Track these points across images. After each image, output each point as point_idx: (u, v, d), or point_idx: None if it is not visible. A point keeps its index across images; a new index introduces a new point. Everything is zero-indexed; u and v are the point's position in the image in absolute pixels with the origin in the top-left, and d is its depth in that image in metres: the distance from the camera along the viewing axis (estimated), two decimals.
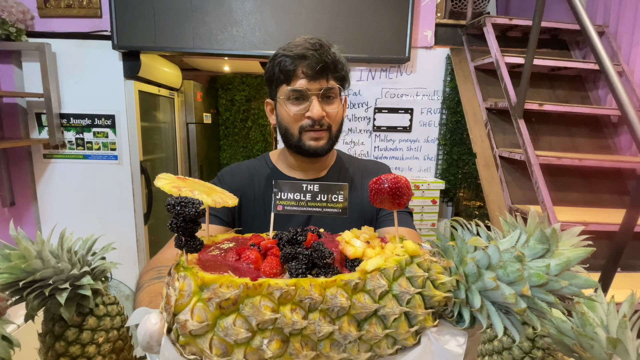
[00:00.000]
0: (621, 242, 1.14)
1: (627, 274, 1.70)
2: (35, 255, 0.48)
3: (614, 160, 1.68)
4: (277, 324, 0.27)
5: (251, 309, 0.27)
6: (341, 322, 0.28)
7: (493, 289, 0.33)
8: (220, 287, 0.27)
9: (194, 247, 0.31)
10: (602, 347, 0.37)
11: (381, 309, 0.30)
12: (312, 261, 0.32)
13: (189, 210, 0.29)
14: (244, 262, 0.31)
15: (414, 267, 0.32)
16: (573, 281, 0.32)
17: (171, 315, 0.27)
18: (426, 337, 0.32)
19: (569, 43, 2.30)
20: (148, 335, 0.27)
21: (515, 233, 0.36)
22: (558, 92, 2.13)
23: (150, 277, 0.58)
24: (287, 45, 0.78)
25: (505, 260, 0.33)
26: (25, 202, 2.21)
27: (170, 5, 1.93)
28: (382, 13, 2.01)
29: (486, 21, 1.98)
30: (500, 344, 0.54)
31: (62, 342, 0.52)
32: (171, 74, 2.60)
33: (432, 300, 0.32)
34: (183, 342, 0.27)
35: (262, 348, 0.27)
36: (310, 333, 0.28)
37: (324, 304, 0.28)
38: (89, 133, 2.13)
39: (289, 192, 0.40)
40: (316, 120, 0.76)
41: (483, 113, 2.02)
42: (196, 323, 0.26)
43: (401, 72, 2.18)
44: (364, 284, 0.30)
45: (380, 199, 0.36)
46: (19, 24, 1.96)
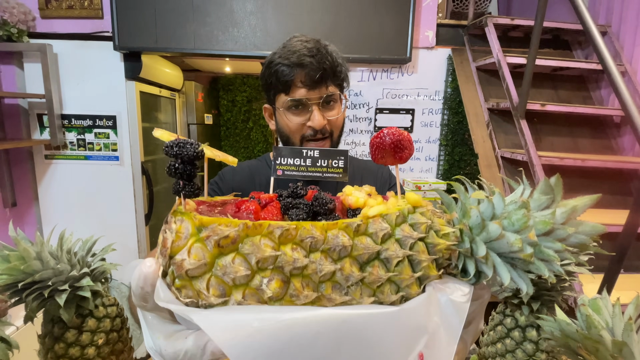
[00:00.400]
0: (625, 243, 1.13)
1: (631, 275, 1.69)
2: (35, 257, 0.48)
3: (616, 161, 1.67)
4: (277, 262, 0.26)
5: (251, 247, 0.26)
6: (343, 263, 0.27)
7: (498, 237, 0.31)
8: (219, 225, 0.25)
9: (192, 191, 0.29)
10: (608, 350, 0.37)
11: (384, 252, 0.28)
12: (312, 210, 0.31)
13: (187, 150, 0.28)
14: (244, 213, 0.29)
15: (416, 215, 0.31)
16: (580, 228, 0.31)
17: (167, 257, 0.26)
18: (431, 287, 0.31)
19: (571, 43, 2.29)
20: (142, 280, 0.26)
21: (519, 188, 0.35)
22: (560, 92, 2.12)
23: None
24: (284, 51, 0.75)
25: (510, 210, 0.32)
26: (26, 203, 2.21)
27: (171, 6, 1.93)
28: (383, 13, 2.01)
29: (488, 21, 1.97)
30: (504, 347, 0.54)
31: (61, 344, 0.52)
32: (172, 75, 2.60)
33: (436, 248, 0.31)
34: (179, 284, 0.26)
35: (261, 288, 0.26)
36: (311, 273, 0.26)
37: (325, 244, 0.27)
38: (90, 134, 2.14)
39: (288, 157, 0.39)
40: (318, 130, 0.75)
41: (485, 113, 2.01)
42: (194, 261, 0.25)
43: (402, 73, 2.17)
44: (366, 227, 0.29)
45: (382, 154, 0.34)
46: (20, 25, 1.97)
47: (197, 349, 0.25)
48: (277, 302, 0.26)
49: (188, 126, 2.93)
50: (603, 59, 1.20)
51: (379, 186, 0.91)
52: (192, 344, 0.25)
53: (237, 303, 0.25)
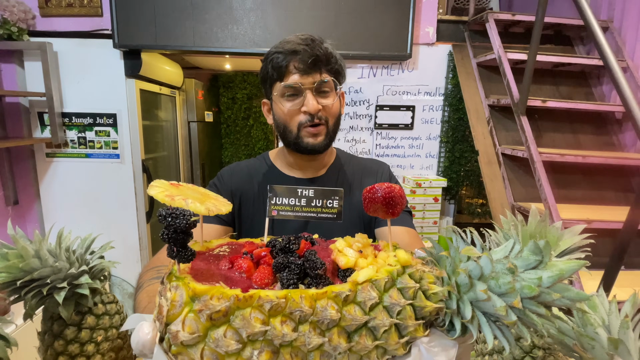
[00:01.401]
0: (625, 239, 1.13)
1: (632, 272, 1.69)
2: (33, 255, 0.48)
3: (618, 157, 1.66)
4: (267, 335, 0.27)
5: (241, 321, 0.27)
6: (331, 334, 0.29)
7: (484, 300, 0.33)
8: (211, 298, 0.27)
9: (185, 257, 0.31)
10: (604, 348, 0.37)
11: (371, 321, 0.30)
12: (304, 271, 0.32)
13: (179, 222, 0.30)
14: (237, 271, 0.31)
15: (405, 277, 0.32)
16: (565, 294, 0.32)
17: (163, 325, 0.28)
18: (416, 348, 0.32)
19: (572, 39, 2.27)
20: (141, 344, 0.28)
21: (509, 243, 0.35)
22: (561, 88, 2.11)
23: (150, 277, 0.58)
24: (279, 44, 0.78)
25: (498, 272, 0.33)
26: (28, 201, 2.22)
27: (171, 3, 1.93)
28: (383, 9, 1.99)
29: (489, 17, 1.96)
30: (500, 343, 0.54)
31: (61, 341, 0.52)
32: (172, 73, 2.60)
33: (423, 310, 0.32)
34: (175, 351, 0.28)
35: (252, 359, 0.27)
36: (300, 345, 0.28)
37: (314, 316, 0.28)
38: (90, 132, 2.14)
39: (283, 197, 0.40)
40: (313, 114, 0.75)
41: (485, 110, 2.00)
42: (187, 334, 0.27)
43: (403, 69, 2.16)
44: (355, 295, 0.30)
45: (374, 208, 0.36)
46: (20, 24, 1.97)
47: None
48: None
49: (188, 124, 2.93)
50: (604, 55, 1.19)
51: None
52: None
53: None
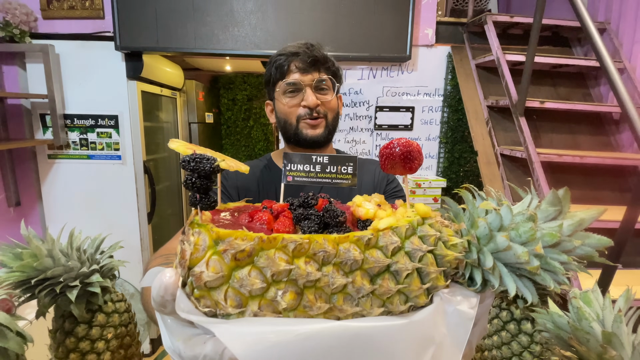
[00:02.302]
0: (622, 239, 1.14)
1: (630, 271, 1.71)
2: (46, 254, 0.49)
3: (615, 158, 1.68)
4: (291, 275, 0.27)
5: (266, 260, 0.27)
6: (354, 276, 0.28)
7: (505, 249, 0.32)
8: (236, 239, 0.27)
9: (208, 204, 0.31)
10: (598, 341, 0.38)
11: (394, 265, 0.29)
12: (324, 221, 0.32)
13: (203, 165, 0.30)
14: (257, 223, 0.31)
15: (425, 227, 0.32)
16: (586, 241, 0.32)
17: (186, 269, 0.27)
18: (438, 297, 0.32)
19: (570, 40, 2.30)
20: (163, 289, 0.27)
21: (527, 198, 0.36)
22: (559, 89, 2.13)
23: (158, 263, 0.60)
24: (281, 49, 0.85)
25: (518, 222, 0.33)
26: (30, 202, 2.23)
27: (172, 6, 1.94)
28: (383, 12, 2.01)
29: (487, 19, 1.98)
30: (500, 339, 0.55)
31: (72, 338, 0.54)
32: (173, 74, 2.61)
33: (444, 260, 0.32)
34: (198, 295, 0.27)
35: (276, 299, 0.27)
36: (323, 285, 0.28)
37: (337, 258, 0.28)
38: (92, 133, 2.15)
39: (298, 163, 0.40)
40: (312, 108, 0.81)
41: (484, 111, 2.02)
42: (211, 274, 0.26)
43: (402, 71, 2.18)
44: (377, 240, 0.30)
45: (392, 164, 0.35)
46: (22, 26, 1.98)
47: (215, 354, 0.26)
48: (291, 312, 0.27)
49: (189, 125, 2.94)
50: (601, 57, 1.21)
51: (376, 184, 0.94)
52: (211, 349, 0.26)
53: (253, 313, 0.27)
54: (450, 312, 0.32)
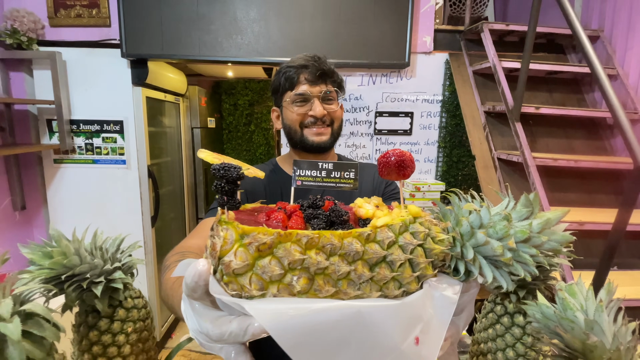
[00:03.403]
0: (614, 240, 1.19)
1: (625, 272, 1.74)
2: (74, 252, 0.53)
3: (608, 162, 1.73)
4: (304, 264, 0.32)
5: (284, 251, 0.32)
6: (356, 265, 0.34)
7: (484, 244, 0.38)
8: (258, 234, 0.32)
9: (233, 205, 0.36)
10: (581, 328, 0.42)
11: (389, 256, 0.35)
12: (330, 220, 0.37)
13: (231, 172, 0.35)
14: (273, 221, 0.36)
15: (416, 225, 0.37)
16: (552, 237, 0.38)
17: (216, 259, 0.32)
18: (427, 284, 0.38)
19: (565, 47, 2.35)
20: (197, 276, 0.31)
21: (505, 200, 0.42)
22: (555, 95, 2.19)
23: (175, 260, 0.64)
24: (290, 61, 0.90)
25: (495, 221, 0.39)
26: (35, 206, 2.27)
27: (177, 14, 2.00)
28: (382, 20, 2.07)
29: (483, 27, 2.04)
30: (494, 332, 0.59)
31: (95, 332, 0.57)
32: (177, 80, 2.66)
33: (432, 252, 0.37)
34: (226, 280, 0.32)
35: (292, 284, 0.32)
36: (331, 272, 0.33)
37: (342, 250, 0.33)
38: (98, 138, 2.19)
39: (306, 169, 0.46)
40: (319, 117, 0.87)
41: (481, 116, 2.07)
42: (239, 262, 0.31)
43: (401, 77, 2.23)
44: (375, 235, 0.35)
45: (388, 171, 0.41)
46: (30, 34, 2.03)
47: (240, 330, 0.31)
48: (304, 295, 0.33)
49: (192, 130, 2.98)
50: (592, 65, 1.26)
51: (375, 186, 0.98)
52: (236, 326, 0.31)
53: (273, 295, 0.32)
54: (437, 296, 0.37)
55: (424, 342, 0.35)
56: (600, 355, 0.41)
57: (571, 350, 0.43)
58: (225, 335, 0.31)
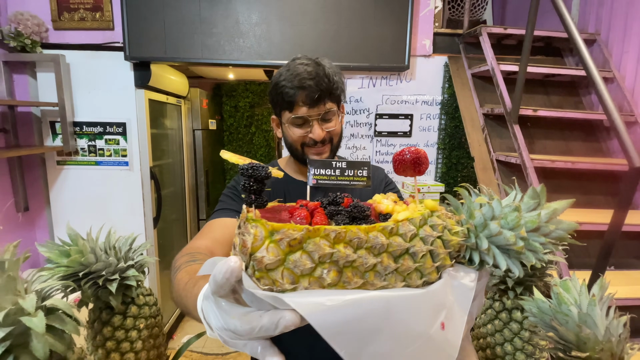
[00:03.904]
0: (610, 240, 1.21)
1: (622, 272, 1.77)
2: (90, 251, 0.55)
3: (604, 163, 1.76)
4: (333, 257, 0.34)
5: (314, 246, 0.33)
6: (382, 257, 0.36)
7: (497, 234, 0.40)
8: (288, 230, 0.33)
9: (261, 203, 0.37)
10: (575, 321, 0.45)
11: (412, 248, 0.37)
12: (352, 216, 0.39)
13: (259, 172, 0.36)
14: (297, 218, 0.37)
15: (434, 218, 0.40)
16: (559, 225, 0.41)
17: (248, 255, 0.33)
18: (446, 274, 0.40)
19: (562, 50, 2.39)
20: (229, 272, 0.32)
21: (512, 194, 0.44)
22: (552, 97, 2.22)
23: (186, 260, 0.63)
24: (287, 74, 0.85)
25: (506, 212, 0.42)
26: (38, 207, 2.28)
27: (180, 17, 2.02)
28: (382, 23, 2.10)
29: (482, 31, 2.07)
30: (493, 327, 0.62)
31: (109, 327, 0.59)
32: (178, 83, 2.69)
33: (450, 244, 0.40)
34: (258, 275, 0.33)
35: (322, 277, 0.34)
36: (358, 265, 0.35)
37: (368, 243, 0.35)
38: (100, 140, 2.21)
39: (321, 168, 0.48)
40: (318, 141, 0.87)
41: (480, 118, 2.10)
42: (271, 257, 0.32)
43: (401, 80, 2.26)
44: (397, 229, 0.37)
45: (403, 168, 0.43)
46: (34, 36, 2.05)
47: (271, 324, 0.32)
48: (333, 287, 0.34)
49: (193, 132, 3.01)
50: (588, 69, 1.29)
51: (376, 185, 1.02)
52: (267, 320, 0.32)
53: (304, 288, 0.33)
54: (456, 285, 0.40)
55: (448, 327, 0.37)
56: (593, 347, 0.43)
57: (565, 342, 0.45)
58: (256, 330, 0.32)
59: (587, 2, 2.34)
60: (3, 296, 0.42)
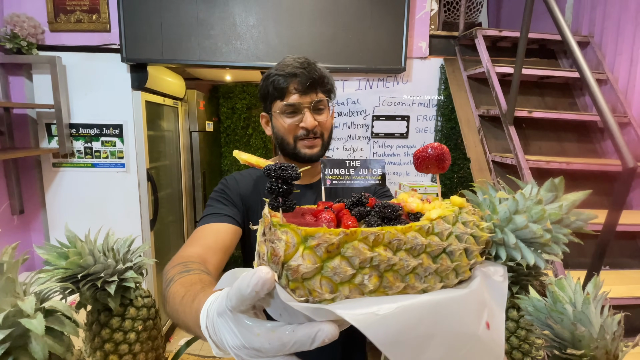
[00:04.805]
0: (604, 240, 1.23)
1: (617, 272, 1.79)
2: (88, 253, 0.55)
3: (599, 164, 1.78)
4: (373, 261, 0.31)
5: (353, 250, 0.31)
6: (421, 258, 0.34)
7: (523, 227, 0.40)
8: (324, 235, 0.30)
9: (289, 206, 0.34)
10: (570, 319, 0.45)
11: (449, 247, 0.36)
12: (383, 217, 0.36)
13: (289, 172, 0.33)
14: (324, 222, 0.35)
15: (464, 214, 0.39)
16: (580, 217, 0.41)
17: (280, 264, 0.30)
18: (478, 271, 0.39)
19: (556, 52, 2.41)
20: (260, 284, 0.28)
21: (528, 187, 0.44)
22: (547, 99, 2.24)
23: (179, 271, 0.59)
24: (278, 66, 0.86)
25: (529, 205, 0.41)
26: (34, 210, 2.27)
27: (177, 19, 2.02)
28: (379, 26, 2.11)
29: (477, 33, 2.09)
30: None
31: (107, 330, 0.59)
32: (175, 84, 2.68)
33: (480, 240, 0.39)
34: (293, 286, 0.30)
35: (363, 283, 0.31)
36: (399, 268, 0.33)
37: (407, 244, 0.33)
38: (97, 142, 2.21)
39: (335, 167, 0.46)
40: (310, 129, 0.85)
41: (476, 120, 2.11)
42: (308, 265, 0.29)
43: (397, 82, 2.27)
44: (433, 228, 0.36)
45: (427, 165, 0.41)
46: (30, 38, 2.04)
47: (307, 338, 0.28)
48: (374, 293, 0.32)
49: (190, 133, 3.00)
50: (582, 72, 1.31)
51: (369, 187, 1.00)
52: (303, 334, 0.28)
53: (345, 297, 0.31)
54: (490, 282, 0.39)
55: (492, 326, 0.36)
56: (588, 345, 0.44)
57: (561, 340, 0.46)
58: (288, 345, 0.28)
59: (580, 5, 2.37)
60: (2, 298, 0.42)
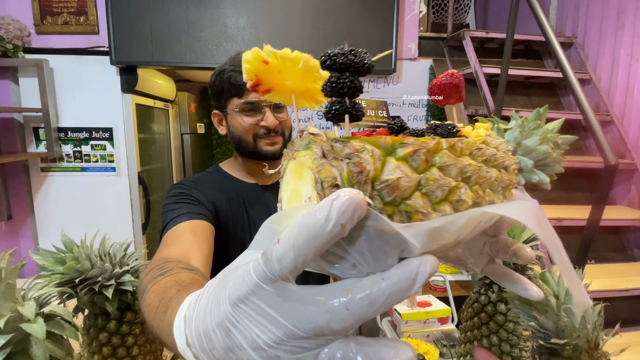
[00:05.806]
0: (588, 235, 1.27)
1: (602, 265, 1.84)
2: (85, 257, 0.56)
3: (583, 161, 1.83)
4: (466, 172, 0.26)
5: (448, 158, 0.24)
6: (496, 170, 0.30)
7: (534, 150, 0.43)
8: (417, 140, 0.23)
9: (360, 110, 0.25)
10: (554, 310, 0.48)
11: (506, 160, 0.33)
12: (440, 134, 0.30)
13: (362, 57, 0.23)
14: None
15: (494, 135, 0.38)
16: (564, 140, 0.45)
17: (369, 183, 0.21)
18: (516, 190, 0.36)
19: (541, 53, 2.48)
20: (350, 212, 0.17)
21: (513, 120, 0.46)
22: (533, 98, 2.30)
23: (152, 277, 0.48)
24: (234, 61, 0.80)
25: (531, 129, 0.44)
26: (22, 216, 2.23)
27: (167, 21, 2.01)
28: (369, 28, 2.14)
29: (465, 35, 2.13)
30: (480, 320, 0.65)
31: (105, 333, 0.60)
32: (166, 86, 2.67)
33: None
34: (390, 211, 0.22)
35: (461, 199, 0.25)
36: (483, 181, 0.28)
37: (484, 156, 0.29)
38: (86, 146, 2.18)
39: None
40: (271, 128, 0.82)
41: (465, 120, 2.16)
42: (413, 177, 0.22)
43: (388, 83, 2.31)
44: (489, 143, 0.31)
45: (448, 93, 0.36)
46: (16, 41, 2.01)
47: (407, 279, 0.19)
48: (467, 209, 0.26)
49: (181, 136, 2.99)
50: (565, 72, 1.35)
51: None
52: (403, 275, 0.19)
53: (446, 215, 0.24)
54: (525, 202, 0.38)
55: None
56: (571, 334, 0.47)
57: (545, 331, 0.48)
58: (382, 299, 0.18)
59: (564, 6, 2.44)
60: (2, 304, 0.42)
